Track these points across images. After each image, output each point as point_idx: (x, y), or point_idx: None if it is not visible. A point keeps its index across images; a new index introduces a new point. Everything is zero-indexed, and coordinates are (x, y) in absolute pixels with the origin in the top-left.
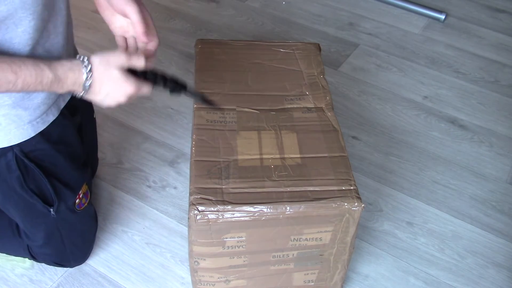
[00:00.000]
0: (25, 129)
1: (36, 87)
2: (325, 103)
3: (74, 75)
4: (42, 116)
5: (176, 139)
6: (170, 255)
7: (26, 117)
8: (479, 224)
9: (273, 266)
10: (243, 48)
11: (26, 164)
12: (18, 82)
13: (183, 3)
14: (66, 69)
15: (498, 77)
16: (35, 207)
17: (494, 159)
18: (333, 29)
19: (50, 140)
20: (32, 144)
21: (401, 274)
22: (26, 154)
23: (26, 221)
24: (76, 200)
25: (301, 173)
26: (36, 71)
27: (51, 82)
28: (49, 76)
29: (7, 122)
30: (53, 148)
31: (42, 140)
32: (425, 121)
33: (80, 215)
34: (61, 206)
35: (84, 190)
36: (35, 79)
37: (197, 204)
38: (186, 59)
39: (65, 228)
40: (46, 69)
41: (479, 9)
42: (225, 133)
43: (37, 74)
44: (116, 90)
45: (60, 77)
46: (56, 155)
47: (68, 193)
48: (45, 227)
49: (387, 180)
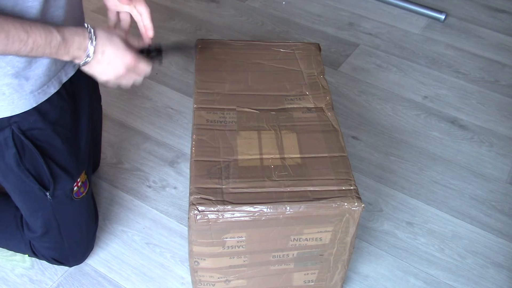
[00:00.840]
0: (27, 99)
1: (44, 49)
2: (325, 103)
3: (79, 39)
4: (43, 87)
5: (176, 139)
6: (170, 255)
7: (28, 87)
8: (479, 224)
9: (273, 266)
10: (243, 48)
11: (23, 142)
12: (29, 41)
13: (183, 3)
14: (73, 33)
15: (498, 77)
16: (32, 190)
17: (494, 159)
18: (333, 29)
19: (48, 120)
20: (30, 122)
21: (401, 274)
22: (23, 132)
23: (25, 205)
24: (74, 188)
25: (301, 173)
26: (46, 32)
27: (58, 44)
28: (57, 38)
29: (10, 91)
30: (51, 128)
31: (40, 118)
32: (425, 121)
33: (78, 204)
34: (57, 191)
35: (83, 179)
36: (45, 40)
37: (197, 204)
38: (186, 59)
39: (62, 217)
40: (55, 31)
41: (479, 9)
42: (225, 133)
43: (47, 35)
44: (117, 58)
45: (67, 40)
46: (54, 136)
47: (66, 178)
48: (42, 213)
49: (387, 180)
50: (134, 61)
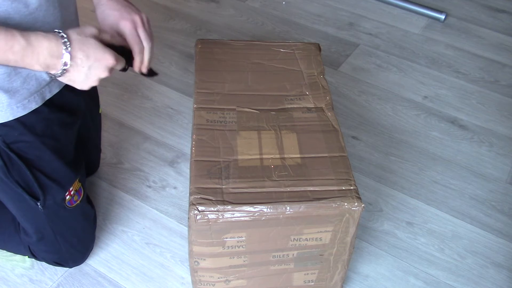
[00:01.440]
0: (3, 111)
1: (6, 54)
2: (325, 103)
3: (49, 44)
4: (23, 102)
5: (176, 139)
6: (170, 255)
7: (5, 100)
8: (479, 224)
9: (273, 266)
10: (243, 48)
11: (9, 155)
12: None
13: (183, 3)
14: (40, 37)
15: (498, 77)
16: (24, 200)
17: (494, 159)
18: (333, 29)
19: (34, 132)
20: (15, 135)
21: (401, 274)
22: (8, 145)
23: (18, 213)
24: (67, 197)
25: (301, 173)
26: (6, 35)
27: (23, 49)
28: (21, 42)
29: None
30: (38, 141)
31: (25, 131)
32: (425, 121)
33: (72, 212)
34: (48, 201)
35: (77, 187)
36: (5, 43)
37: (197, 204)
38: (186, 59)
39: (56, 224)
40: (18, 35)
41: (479, 9)
42: (225, 133)
43: (7, 39)
44: (97, 62)
45: (33, 44)
46: (42, 148)
47: (56, 188)
48: (35, 221)
49: (387, 180)
50: (115, 61)
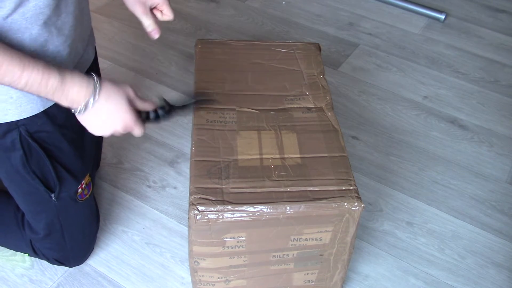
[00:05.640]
0: (34, 103)
1: (39, 88)
2: (325, 103)
3: (81, 82)
4: None
5: (176, 139)
6: (170, 255)
7: None
8: (479, 224)
9: (273, 266)
10: (243, 48)
11: (30, 144)
12: (23, 77)
13: (183, 3)
14: (75, 75)
15: (498, 77)
16: (37, 192)
17: (494, 159)
18: (333, 29)
19: (56, 123)
20: (38, 125)
21: (401, 274)
22: (31, 134)
23: (28, 207)
24: (79, 190)
25: (301, 173)
26: (45, 69)
27: (56, 86)
28: (56, 77)
29: (17, 95)
30: (58, 131)
31: (47, 121)
32: (425, 121)
33: (82, 206)
34: (62, 193)
35: (87, 181)
36: (41, 77)
37: (197, 204)
38: (186, 59)
39: (66, 218)
40: (55, 71)
41: (479, 9)
42: (225, 133)
43: (44, 72)
44: (117, 114)
45: (66, 81)
46: (61, 139)
47: (71, 180)
48: (46, 215)
49: (387, 180)
50: (132, 123)
